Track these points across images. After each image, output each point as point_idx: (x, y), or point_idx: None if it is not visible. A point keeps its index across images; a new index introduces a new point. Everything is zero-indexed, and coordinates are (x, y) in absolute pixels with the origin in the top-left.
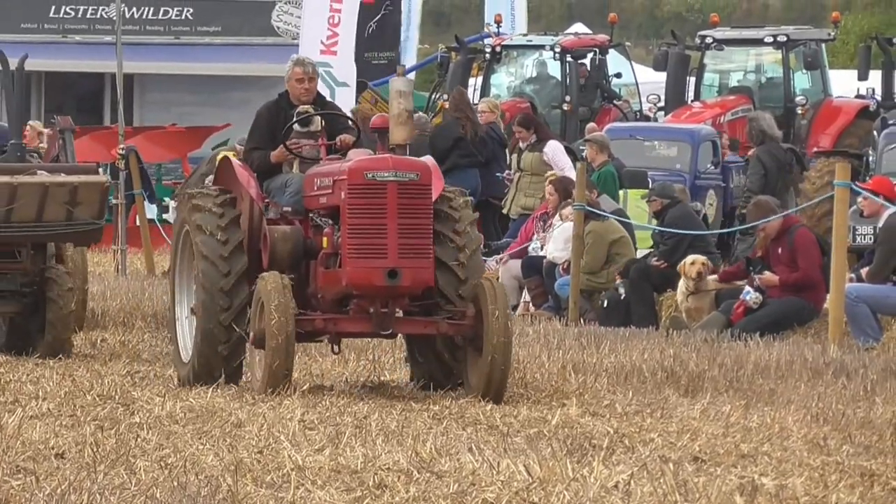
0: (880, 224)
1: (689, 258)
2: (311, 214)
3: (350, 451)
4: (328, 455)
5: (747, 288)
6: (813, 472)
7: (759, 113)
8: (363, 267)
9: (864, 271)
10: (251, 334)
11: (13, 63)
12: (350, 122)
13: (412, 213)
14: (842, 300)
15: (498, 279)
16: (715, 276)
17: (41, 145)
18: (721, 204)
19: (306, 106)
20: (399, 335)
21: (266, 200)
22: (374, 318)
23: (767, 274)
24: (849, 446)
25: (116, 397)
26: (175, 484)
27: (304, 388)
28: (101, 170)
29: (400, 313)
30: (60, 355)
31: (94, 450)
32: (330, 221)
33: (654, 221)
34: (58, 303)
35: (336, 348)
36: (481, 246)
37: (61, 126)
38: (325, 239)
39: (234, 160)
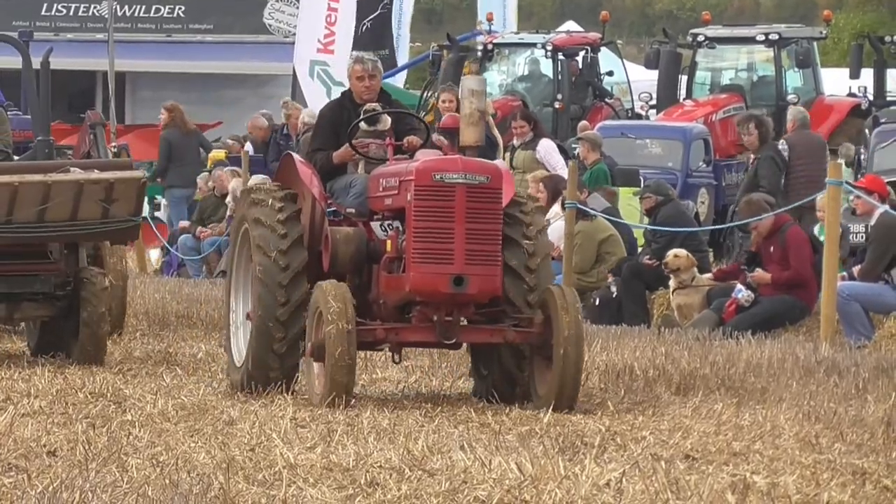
0: (872, 222)
1: (672, 251)
2: (374, 216)
3: (342, 448)
4: (320, 453)
5: (739, 286)
6: (805, 471)
7: (759, 113)
8: (428, 273)
9: (856, 269)
10: (308, 345)
11: (38, 58)
12: (418, 122)
13: (481, 217)
14: (834, 298)
15: None
16: (709, 275)
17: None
18: (713, 202)
19: (374, 104)
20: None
21: (329, 201)
22: (437, 327)
23: (759, 272)
24: (840, 444)
25: (108, 395)
26: (167, 482)
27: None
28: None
29: (464, 322)
30: (93, 359)
31: (86, 447)
32: (395, 224)
33: (646, 220)
34: (92, 301)
35: (397, 357)
36: (552, 253)
37: (91, 121)
38: (388, 242)
39: (297, 157)
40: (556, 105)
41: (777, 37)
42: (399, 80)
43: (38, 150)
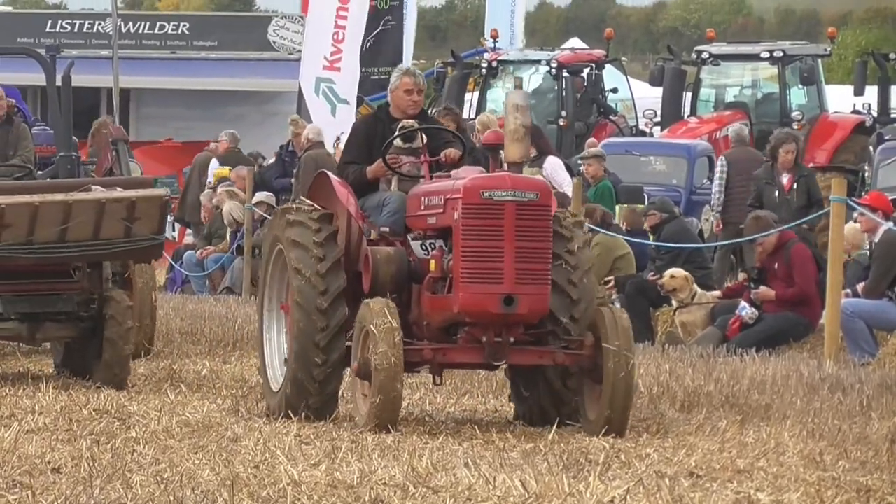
0: (876, 239)
1: (668, 272)
2: (409, 235)
3: (346, 465)
4: (324, 470)
5: (743, 303)
6: (809, 488)
7: (795, 132)
8: (477, 292)
9: (860, 286)
10: (354, 364)
11: (59, 71)
12: (453, 137)
13: (531, 235)
14: (838, 315)
15: None
16: (717, 293)
17: None
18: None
19: (410, 120)
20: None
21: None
22: (486, 348)
23: (763, 289)
24: (845, 462)
25: (112, 412)
26: (171, 499)
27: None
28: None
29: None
30: (117, 380)
31: (91, 464)
32: (437, 243)
33: (651, 237)
34: (116, 319)
35: (438, 379)
36: (593, 267)
37: (114, 136)
38: (432, 262)
39: (332, 175)
40: (561, 122)
41: (781, 54)
42: None
43: (61, 166)
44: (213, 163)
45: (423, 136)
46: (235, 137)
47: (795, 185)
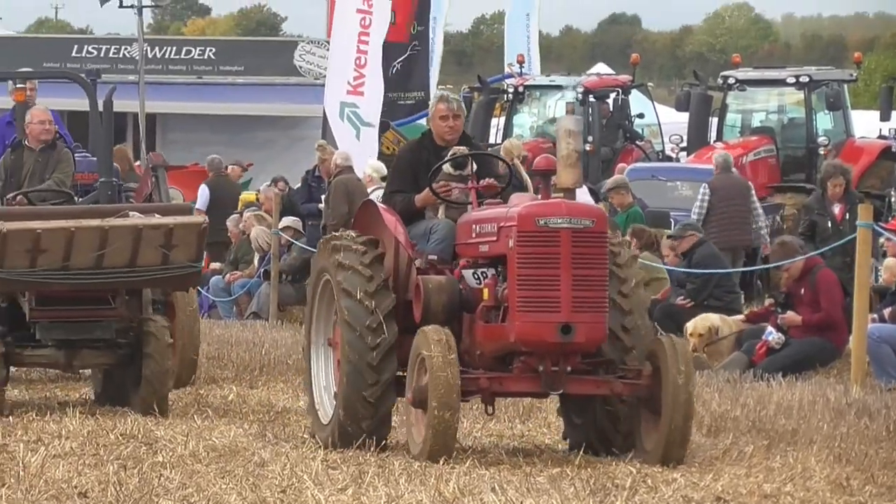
0: None
1: (690, 325)
2: (457, 262)
3: (373, 490)
4: (351, 494)
5: (769, 328)
6: None
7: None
8: (534, 321)
9: (886, 311)
10: (408, 394)
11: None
12: (502, 165)
13: (587, 263)
14: (864, 340)
15: None
16: (740, 317)
17: None
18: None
19: (461, 147)
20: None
21: None
22: (542, 378)
23: (790, 314)
24: (871, 487)
25: (139, 436)
26: None
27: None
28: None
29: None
30: (153, 411)
31: (118, 489)
32: (489, 271)
33: (679, 262)
34: (155, 358)
35: (490, 409)
36: (647, 302)
37: (153, 163)
38: (485, 290)
39: (379, 203)
40: (587, 147)
41: (807, 79)
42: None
43: (101, 192)
44: (203, 189)
45: (473, 163)
46: (215, 163)
47: (847, 215)
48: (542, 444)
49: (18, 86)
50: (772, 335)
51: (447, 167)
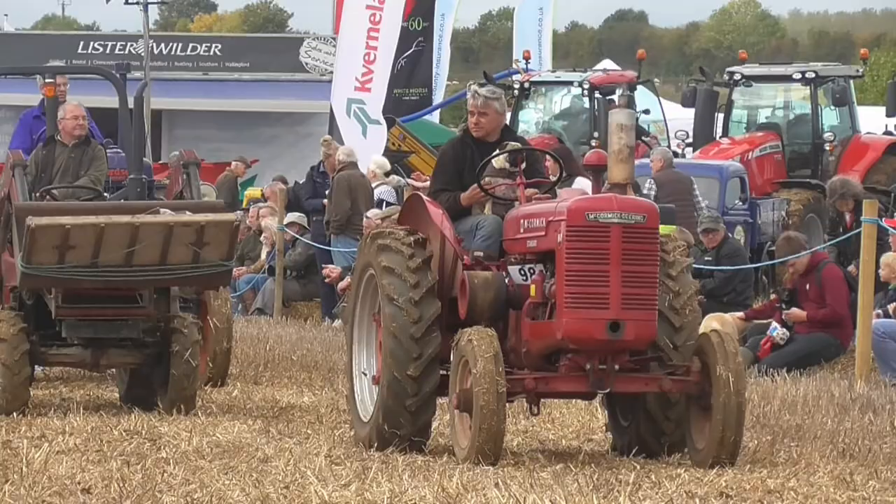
0: None
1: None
2: (504, 259)
3: (376, 486)
4: (354, 490)
5: (774, 324)
6: None
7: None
8: (582, 318)
9: (891, 307)
10: (453, 397)
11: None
12: (551, 160)
13: (637, 259)
14: (869, 336)
15: None
16: (740, 314)
17: None
18: (749, 240)
19: (515, 143)
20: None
21: None
22: (590, 376)
23: (795, 310)
24: (875, 482)
25: (143, 433)
26: None
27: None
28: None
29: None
30: (184, 404)
31: (121, 485)
32: (536, 268)
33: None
34: (183, 356)
35: (536, 409)
36: (696, 293)
37: (185, 160)
38: (533, 287)
39: (425, 197)
40: (593, 143)
41: (813, 75)
42: (435, 118)
43: (131, 189)
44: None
45: (525, 159)
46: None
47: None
48: (547, 440)
49: (48, 80)
50: (776, 331)
51: (497, 162)
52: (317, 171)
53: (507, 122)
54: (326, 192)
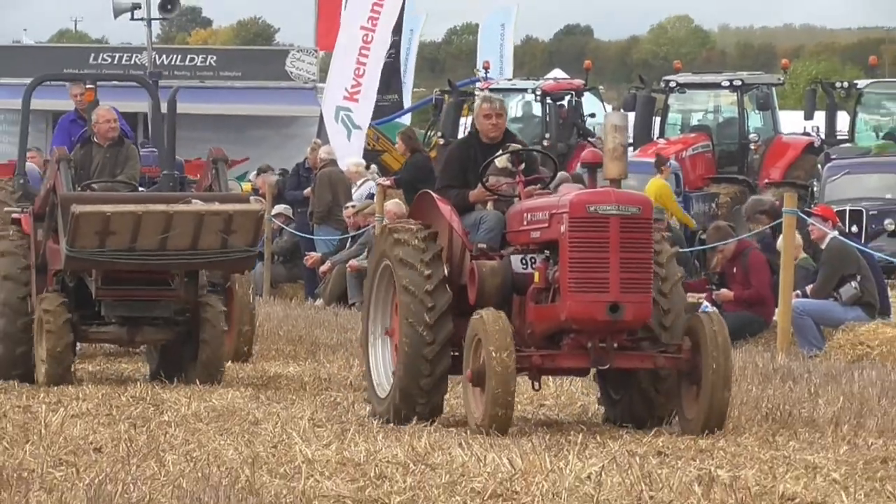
0: (824, 247)
1: None
2: (506, 249)
3: (354, 445)
4: (335, 449)
5: (705, 303)
6: (763, 465)
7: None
8: (585, 301)
9: (808, 288)
10: (467, 371)
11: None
12: (547, 159)
13: (634, 247)
14: (789, 314)
15: None
16: None
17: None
18: (683, 228)
19: (516, 145)
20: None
21: None
22: (591, 354)
23: (723, 291)
24: (795, 442)
25: (148, 399)
26: (199, 475)
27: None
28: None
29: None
30: (212, 378)
31: (128, 445)
32: (540, 256)
33: None
34: (212, 322)
35: (537, 385)
36: (682, 277)
37: (214, 156)
38: (537, 273)
39: (434, 194)
40: (545, 143)
41: (740, 83)
42: (406, 120)
43: (163, 184)
44: None
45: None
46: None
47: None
48: (605, 423)
49: (88, 86)
50: (707, 309)
51: (500, 162)
52: (302, 167)
53: (468, 124)
54: (308, 186)
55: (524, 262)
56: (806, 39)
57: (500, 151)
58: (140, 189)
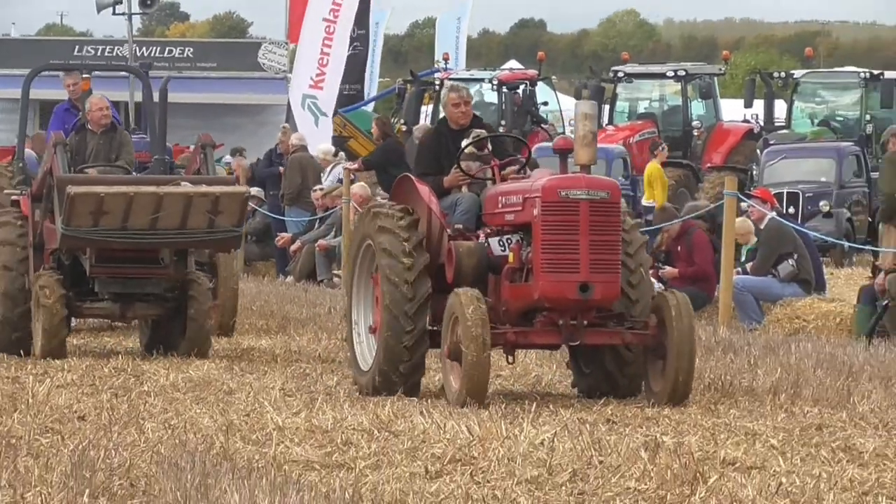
0: (762, 227)
1: None
2: (485, 231)
3: (322, 414)
4: (304, 417)
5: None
6: (705, 432)
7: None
8: (556, 281)
9: (749, 265)
10: (445, 348)
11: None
12: (517, 143)
13: (603, 229)
14: (730, 290)
15: None
16: None
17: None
18: (631, 210)
19: (481, 130)
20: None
21: None
22: (563, 331)
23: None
24: (735, 410)
25: (129, 370)
26: (177, 441)
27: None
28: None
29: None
30: (199, 353)
31: (111, 413)
32: (515, 238)
33: None
34: (198, 299)
35: (511, 358)
36: (650, 266)
37: (202, 142)
38: (511, 254)
39: (414, 178)
40: (501, 130)
41: (684, 73)
42: (370, 108)
43: (155, 168)
44: None
45: (489, 143)
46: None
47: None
48: (579, 394)
49: (84, 76)
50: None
51: (470, 147)
52: (274, 152)
53: (429, 112)
54: (280, 168)
55: (502, 243)
56: (746, 32)
57: (470, 137)
58: (133, 173)
